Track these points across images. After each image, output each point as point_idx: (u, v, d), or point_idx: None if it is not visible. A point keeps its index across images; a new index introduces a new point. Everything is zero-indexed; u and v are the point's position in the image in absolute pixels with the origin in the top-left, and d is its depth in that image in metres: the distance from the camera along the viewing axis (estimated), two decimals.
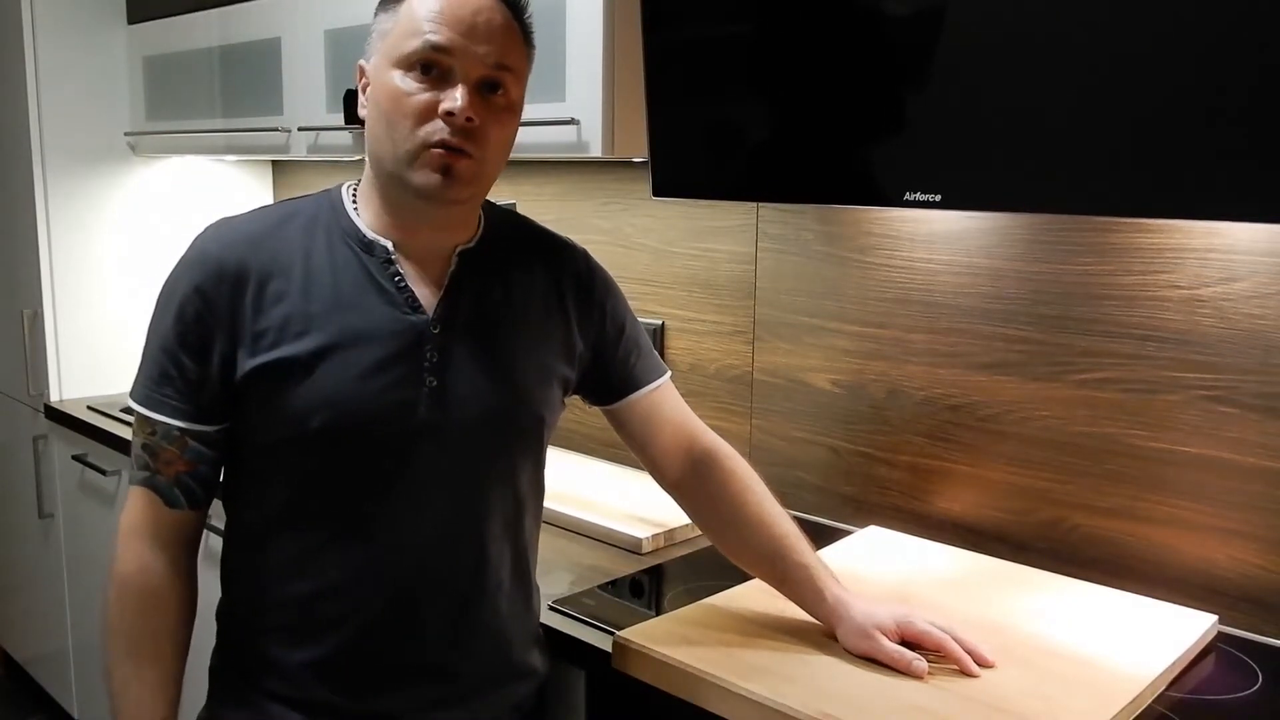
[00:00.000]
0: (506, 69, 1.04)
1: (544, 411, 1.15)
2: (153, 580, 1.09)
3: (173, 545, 1.10)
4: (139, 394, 1.09)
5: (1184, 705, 1.11)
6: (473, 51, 1.02)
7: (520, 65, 1.07)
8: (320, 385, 1.04)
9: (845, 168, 1.31)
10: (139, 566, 1.08)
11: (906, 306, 1.59)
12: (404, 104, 1.02)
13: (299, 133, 2.05)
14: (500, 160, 1.08)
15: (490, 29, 1.02)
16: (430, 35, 1.01)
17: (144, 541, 1.09)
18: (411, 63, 1.02)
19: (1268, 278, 1.26)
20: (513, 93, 1.06)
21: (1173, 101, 1.04)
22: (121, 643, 1.09)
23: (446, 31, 1.01)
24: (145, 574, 1.08)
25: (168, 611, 1.09)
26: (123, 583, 1.09)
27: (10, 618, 2.90)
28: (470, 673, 1.14)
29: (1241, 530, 1.30)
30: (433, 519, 1.09)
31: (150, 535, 1.09)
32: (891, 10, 1.22)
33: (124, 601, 1.09)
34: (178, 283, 1.07)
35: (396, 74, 1.03)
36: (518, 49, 1.06)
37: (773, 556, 1.21)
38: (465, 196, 1.06)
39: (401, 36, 1.03)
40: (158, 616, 1.09)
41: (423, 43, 1.01)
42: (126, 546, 1.09)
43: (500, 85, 1.04)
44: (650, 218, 1.92)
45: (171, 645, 1.10)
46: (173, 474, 1.08)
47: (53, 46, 2.40)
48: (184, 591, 1.11)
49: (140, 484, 1.09)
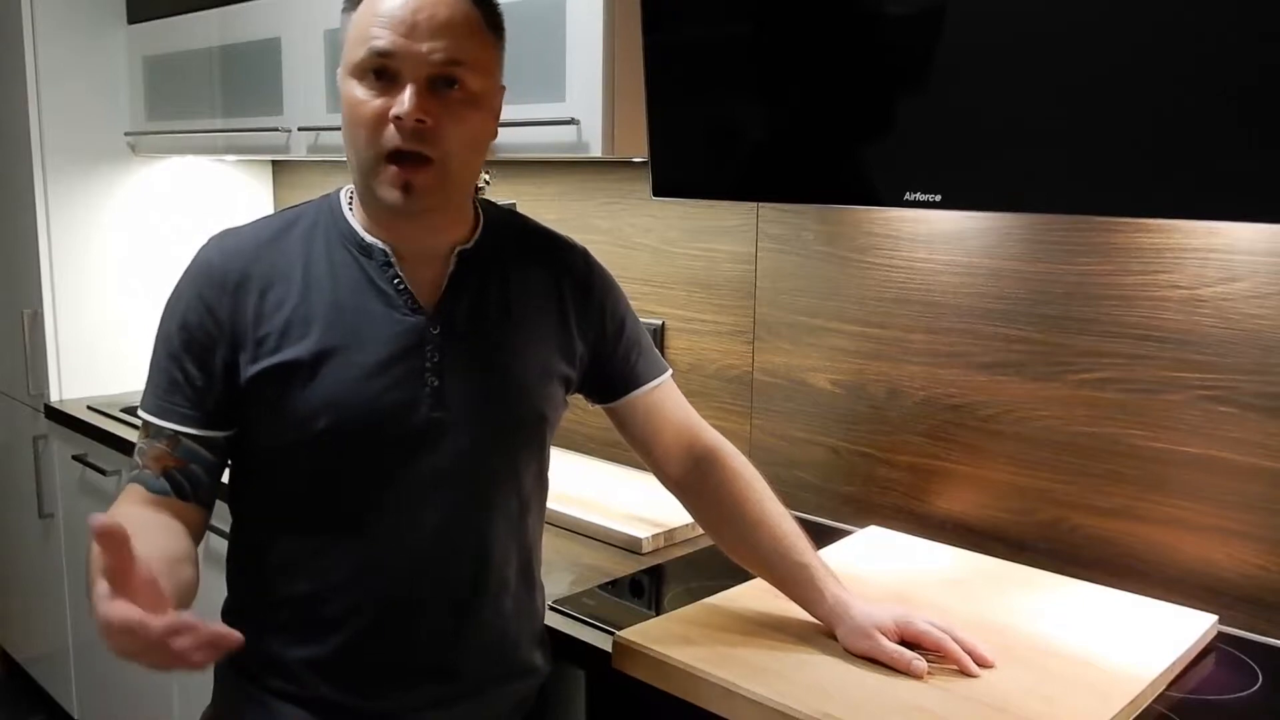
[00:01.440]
0: (457, 63, 1.01)
1: (546, 410, 1.16)
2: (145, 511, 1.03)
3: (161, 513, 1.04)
4: (149, 404, 1.08)
5: (1184, 705, 1.11)
6: (415, 51, 1.00)
7: (477, 55, 1.04)
8: (323, 387, 1.05)
9: (845, 168, 1.31)
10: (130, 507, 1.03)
11: (906, 306, 1.59)
12: (358, 113, 1.02)
13: (299, 133, 2.06)
14: (467, 156, 1.06)
15: (434, 25, 1.00)
16: (374, 41, 1.00)
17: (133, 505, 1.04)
18: (363, 70, 1.02)
19: (1268, 278, 1.26)
20: (471, 85, 1.03)
21: (1172, 101, 1.04)
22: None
23: (388, 35, 1.00)
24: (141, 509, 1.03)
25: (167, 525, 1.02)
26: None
27: (10, 618, 2.90)
28: (473, 672, 1.14)
29: (1241, 530, 1.30)
30: (435, 519, 1.09)
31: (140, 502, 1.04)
32: (891, 10, 1.22)
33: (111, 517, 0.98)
34: (182, 293, 1.09)
35: (352, 83, 1.03)
36: (473, 38, 1.03)
37: (773, 556, 1.21)
38: (432, 204, 1.05)
39: (352, 45, 1.03)
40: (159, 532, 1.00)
41: (367, 50, 1.00)
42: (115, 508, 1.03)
43: (455, 80, 1.02)
44: (650, 218, 1.92)
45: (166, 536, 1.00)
46: (160, 468, 1.06)
47: (53, 46, 2.40)
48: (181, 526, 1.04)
49: (130, 480, 1.08)
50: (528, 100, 1.55)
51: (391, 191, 1.02)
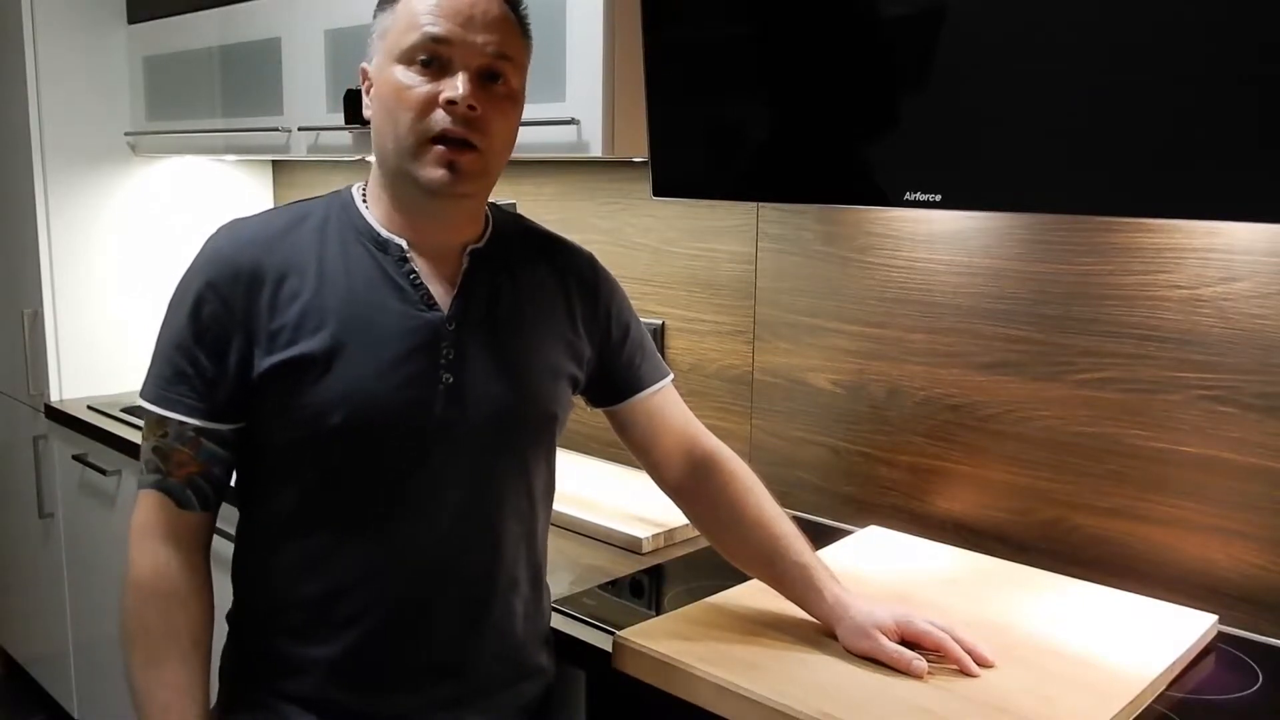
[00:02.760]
0: (506, 58, 1.05)
1: (556, 409, 1.16)
2: (171, 580, 1.07)
3: (187, 545, 1.08)
4: (151, 393, 1.08)
5: (1184, 705, 1.10)
6: (471, 41, 1.02)
7: (519, 55, 1.07)
8: (337, 382, 1.04)
9: (845, 168, 1.31)
10: (154, 567, 1.07)
11: (906, 306, 1.59)
12: (406, 97, 1.03)
13: (299, 133, 2.05)
14: (504, 151, 1.08)
15: (487, 19, 1.03)
16: (428, 27, 1.02)
17: (158, 542, 1.07)
18: (412, 56, 1.03)
19: (1268, 278, 1.26)
20: (513, 82, 1.07)
21: (1173, 101, 1.04)
22: (143, 647, 1.06)
23: (444, 23, 1.02)
24: (162, 574, 1.07)
25: (189, 609, 1.07)
26: (139, 585, 1.07)
27: (10, 618, 2.90)
28: (482, 673, 1.14)
29: (1241, 530, 1.30)
30: (447, 517, 1.09)
31: (163, 536, 1.07)
32: (892, 10, 1.22)
33: (143, 604, 1.06)
34: (192, 282, 1.07)
35: (398, 69, 1.03)
36: (515, 39, 1.07)
37: (772, 557, 1.21)
38: (472, 190, 1.07)
39: (401, 32, 1.04)
40: (180, 615, 1.07)
41: (421, 35, 1.02)
42: (140, 549, 1.07)
43: (501, 75, 1.05)
44: (650, 218, 1.92)
45: (195, 645, 1.07)
46: (184, 475, 1.07)
47: (53, 46, 2.40)
48: (202, 589, 1.10)
49: (151, 487, 1.08)
50: (528, 100, 1.54)
51: (436, 170, 1.03)
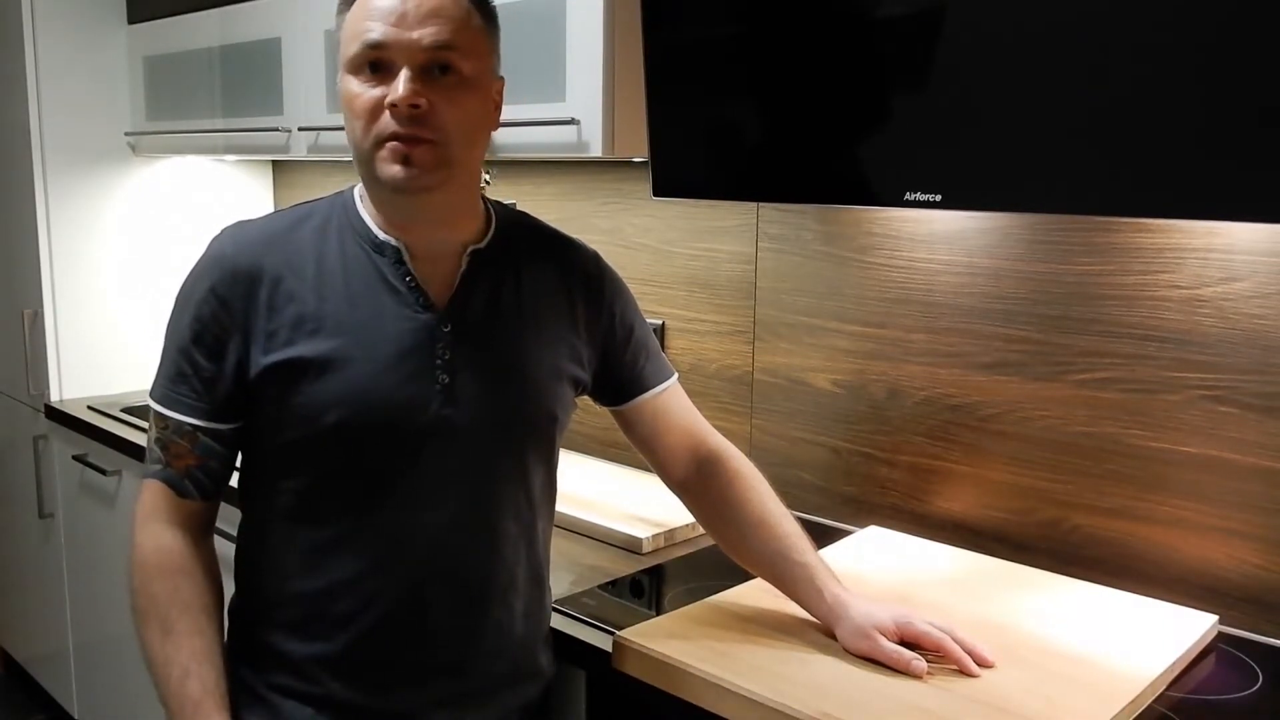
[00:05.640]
0: (449, 47, 1.02)
1: (556, 409, 1.16)
2: (174, 557, 1.09)
3: (188, 527, 1.11)
4: (158, 393, 1.11)
5: (1184, 705, 1.11)
6: (407, 39, 1.01)
7: (468, 39, 1.04)
8: (334, 383, 1.05)
9: (845, 168, 1.31)
10: (157, 547, 1.09)
11: (906, 306, 1.59)
12: (355, 105, 1.03)
13: (299, 133, 2.06)
14: (467, 139, 1.06)
15: (422, 12, 1.02)
16: (366, 35, 1.02)
17: (160, 525, 1.10)
18: (359, 65, 1.03)
19: (1268, 278, 1.26)
20: (464, 69, 1.04)
21: (1173, 101, 1.04)
22: (155, 623, 1.08)
23: (380, 26, 1.01)
24: (165, 552, 1.09)
25: (195, 581, 1.09)
26: (143, 564, 1.09)
27: (10, 618, 2.90)
28: (482, 672, 1.14)
29: (1241, 530, 1.30)
30: (444, 517, 1.09)
31: (166, 520, 1.10)
32: (891, 10, 1.22)
33: (149, 581, 1.09)
34: (194, 285, 1.09)
35: (350, 79, 1.04)
36: (463, 22, 1.04)
37: (774, 555, 1.21)
38: (434, 182, 1.05)
39: (347, 43, 1.04)
40: (187, 587, 1.09)
41: (360, 45, 1.02)
42: (143, 531, 1.10)
43: (448, 65, 1.03)
44: (650, 218, 1.92)
45: (206, 615, 1.09)
46: (183, 467, 1.10)
47: (53, 46, 2.40)
48: (208, 565, 1.12)
49: (153, 476, 1.11)
50: (528, 100, 1.55)
51: (392, 167, 1.03)
